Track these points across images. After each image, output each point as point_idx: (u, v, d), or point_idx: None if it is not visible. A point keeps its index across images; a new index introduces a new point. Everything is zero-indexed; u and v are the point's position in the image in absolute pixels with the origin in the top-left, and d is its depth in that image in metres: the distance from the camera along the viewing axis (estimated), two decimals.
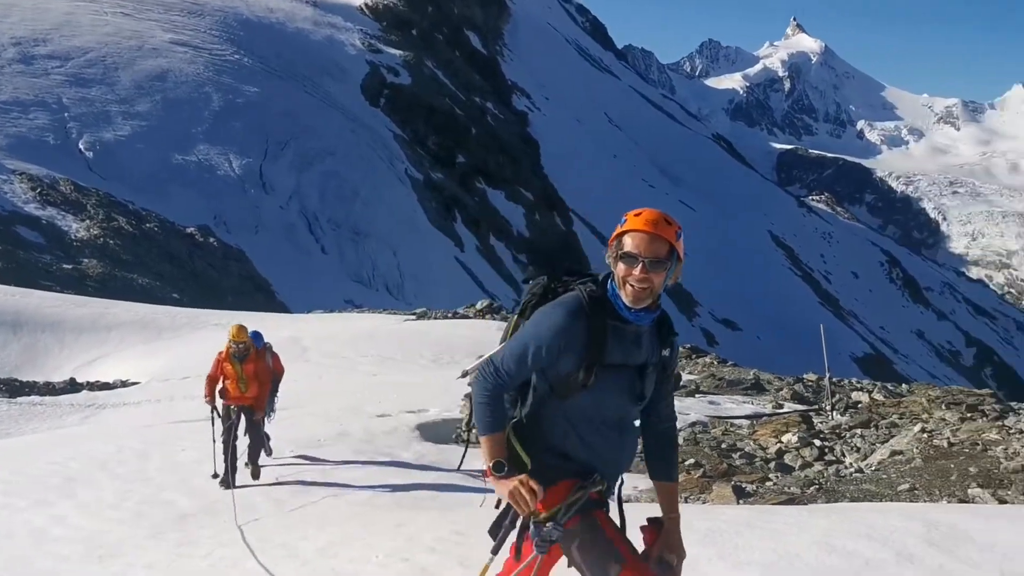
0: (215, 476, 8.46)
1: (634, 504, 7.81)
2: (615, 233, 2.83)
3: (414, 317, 28.56)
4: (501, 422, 2.81)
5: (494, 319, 27.77)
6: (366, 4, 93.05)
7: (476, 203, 78.16)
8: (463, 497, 7.88)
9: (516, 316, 3.04)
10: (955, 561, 4.45)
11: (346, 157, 66.00)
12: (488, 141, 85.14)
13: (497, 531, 2.83)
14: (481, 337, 21.72)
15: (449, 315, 29.00)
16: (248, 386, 8.75)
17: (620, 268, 2.78)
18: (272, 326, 18.98)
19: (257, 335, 9.64)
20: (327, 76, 75.78)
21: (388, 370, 18.09)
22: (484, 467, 2.78)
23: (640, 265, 2.73)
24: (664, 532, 2.89)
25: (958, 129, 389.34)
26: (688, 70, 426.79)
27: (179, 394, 16.52)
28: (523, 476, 2.69)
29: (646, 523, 2.88)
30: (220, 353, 8.82)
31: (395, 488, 8.26)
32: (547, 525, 2.71)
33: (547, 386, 2.83)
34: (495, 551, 2.86)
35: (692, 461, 9.52)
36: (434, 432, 11.14)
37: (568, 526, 2.74)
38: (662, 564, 2.82)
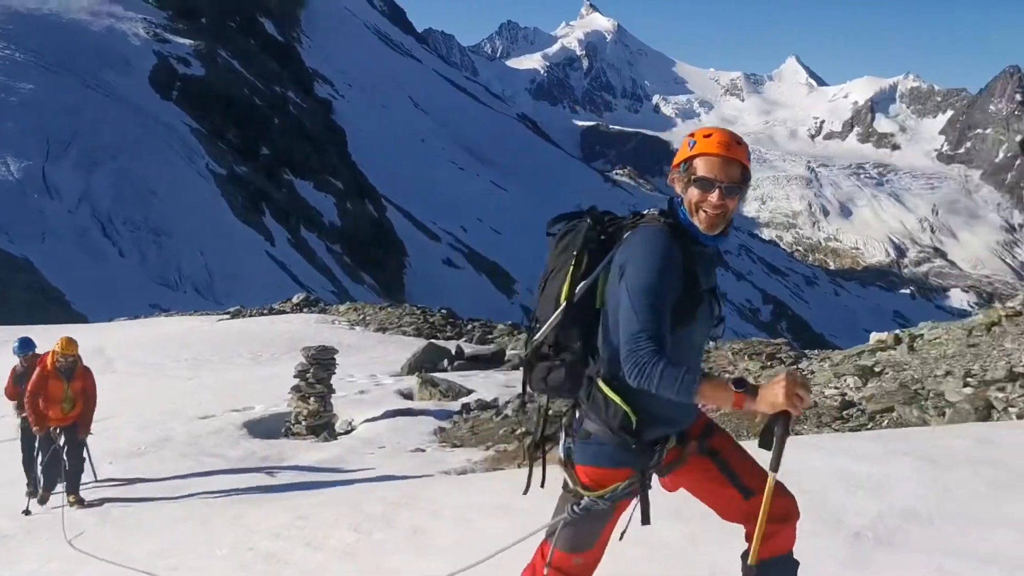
0: (32, 494, 7.95)
1: (470, 476, 8.07)
2: (682, 156, 2.62)
3: (228, 316, 27.70)
4: (693, 370, 2.35)
5: (312, 312, 27.38)
6: None
7: (284, 195, 76.21)
8: (300, 488, 7.87)
9: (572, 268, 2.75)
10: None
11: (139, 154, 62.60)
12: (292, 131, 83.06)
13: (770, 442, 2.40)
14: (300, 332, 21.40)
15: (265, 311, 28.33)
16: (74, 405, 8.03)
17: (693, 193, 2.57)
18: None
19: (26, 342, 9.11)
20: (110, 69, 71.47)
21: (205, 373, 17.50)
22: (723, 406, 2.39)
23: (716, 191, 2.54)
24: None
25: (743, 100, 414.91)
26: (489, 52, 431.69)
27: None
28: (784, 376, 2.30)
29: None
30: (42, 367, 7.99)
31: (228, 485, 8.11)
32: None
33: None
34: (763, 445, 2.46)
35: (522, 430, 9.89)
36: (262, 428, 10.98)
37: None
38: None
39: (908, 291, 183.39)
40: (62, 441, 8.02)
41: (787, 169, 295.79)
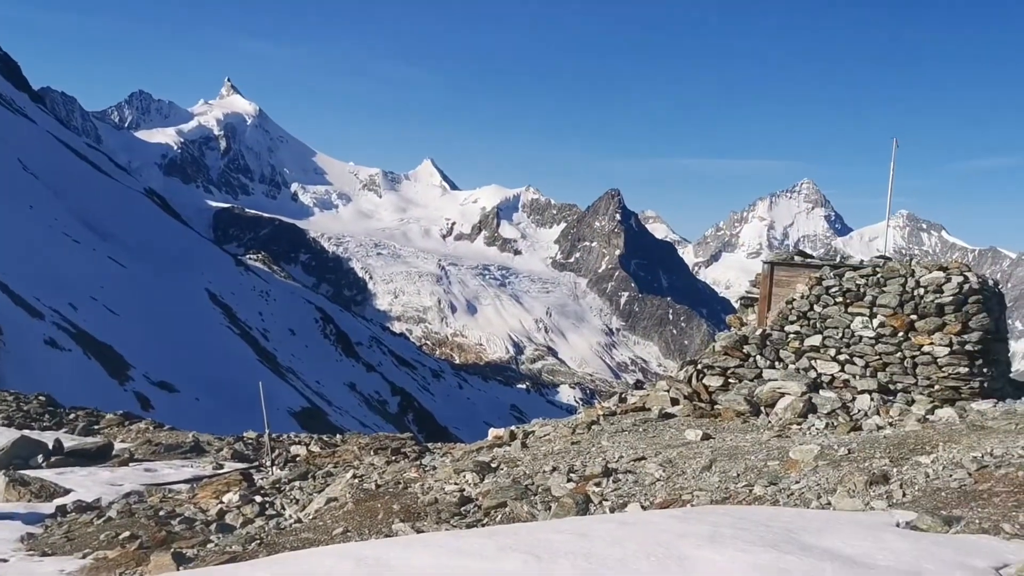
0: None
1: None
2: None
3: None
4: None
5: None
6: None
7: None
8: None
9: None
10: None
11: None
12: None
13: None
14: None
15: None
16: None
17: None
18: None
19: None
20: None
21: None
22: None
23: None
24: None
25: (380, 196, 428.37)
26: (116, 120, 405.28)
27: None
28: None
29: None
30: None
31: None
32: None
33: None
34: None
35: (127, 534, 9.09)
36: None
37: None
38: None
39: (524, 386, 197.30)
40: None
41: (419, 265, 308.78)
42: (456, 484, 9.65)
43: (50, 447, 14.53)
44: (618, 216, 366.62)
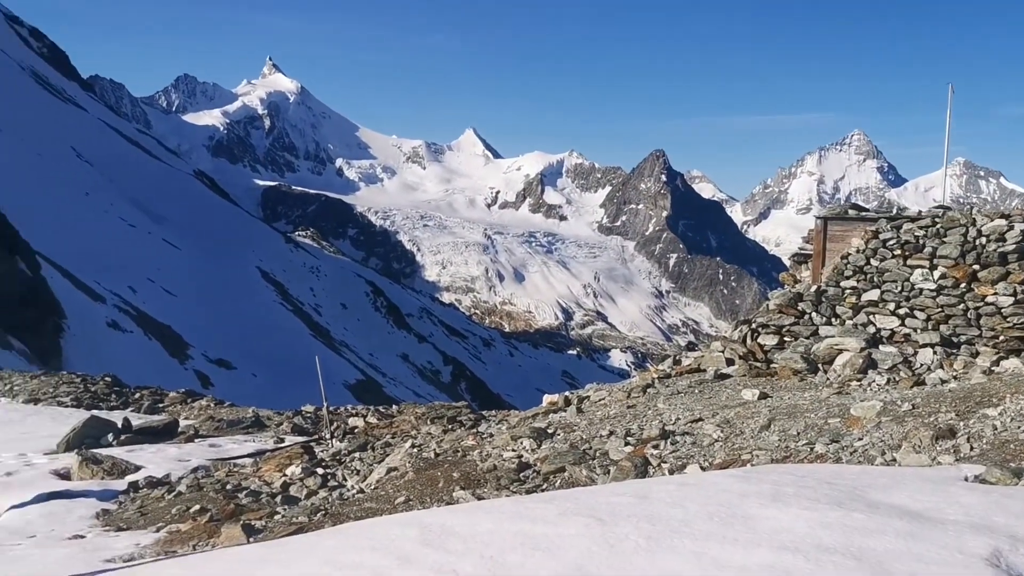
0: None
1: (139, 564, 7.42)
2: None
3: None
4: None
5: None
6: None
7: None
8: None
9: None
10: (448, 555, 5.05)
11: None
12: None
13: None
14: None
15: None
16: None
17: None
18: None
19: None
20: None
21: None
22: None
23: None
24: None
25: (424, 168, 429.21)
26: (164, 105, 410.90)
27: None
28: None
29: None
30: None
31: None
32: None
33: None
34: None
35: (198, 507, 9.30)
36: None
37: None
38: None
39: (575, 352, 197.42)
40: None
41: (466, 236, 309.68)
42: (514, 450, 9.69)
43: (119, 426, 14.91)
44: (664, 177, 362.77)
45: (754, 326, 12.84)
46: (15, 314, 72.01)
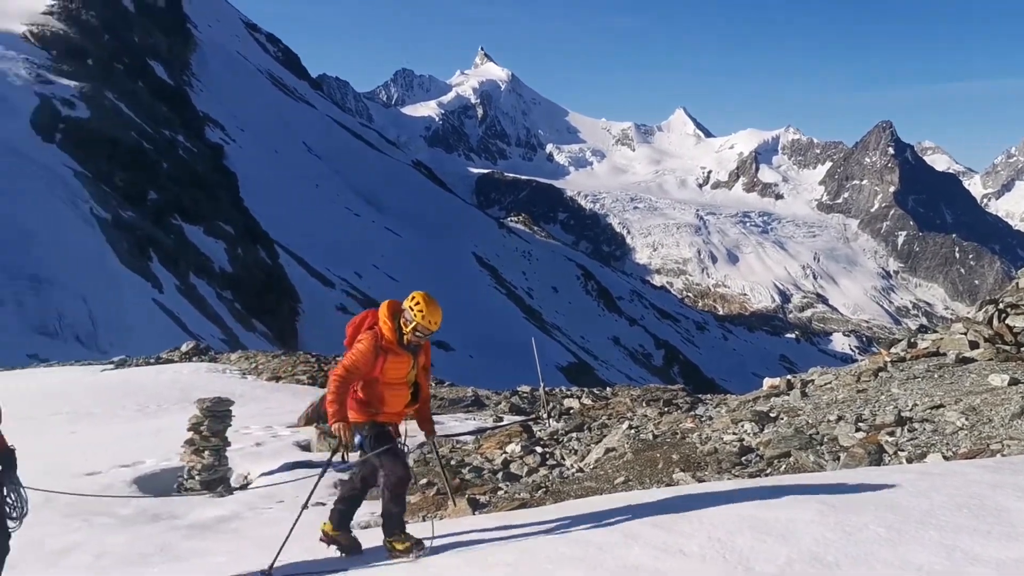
0: None
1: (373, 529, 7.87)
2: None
3: (112, 366, 26.52)
4: None
5: (201, 361, 26.48)
6: (31, 32, 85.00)
7: (173, 241, 73.89)
8: (199, 547, 7.51)
9: None
10: (673, 535, 5.00)
11: (16, 198, 59.69)
12: (181, 175, 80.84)
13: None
14: (189, 382, 20.62)
15: (152, 361, 27.27)
16: None
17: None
18: None
19: None
20: None
21: (88, 426, 16.63)
22: None
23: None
24: None
25: (633, 150, 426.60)
26: (384, 99, 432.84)
27: None
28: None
29: None
30: None
31: (120, 546, 7.66)
32: None
33: None
34: None
35: (425, 481, 9.74)
36: (153, 484, 10.47)
37: None
38: None
39: (793, 335, 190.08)
40: None
41: (677, 217, 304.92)
42: (735, 434, 9.43)
43: None
44: (891, 150, 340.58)
45: (1001, 306, 11.77)
46: (258, 298, 78.58)
